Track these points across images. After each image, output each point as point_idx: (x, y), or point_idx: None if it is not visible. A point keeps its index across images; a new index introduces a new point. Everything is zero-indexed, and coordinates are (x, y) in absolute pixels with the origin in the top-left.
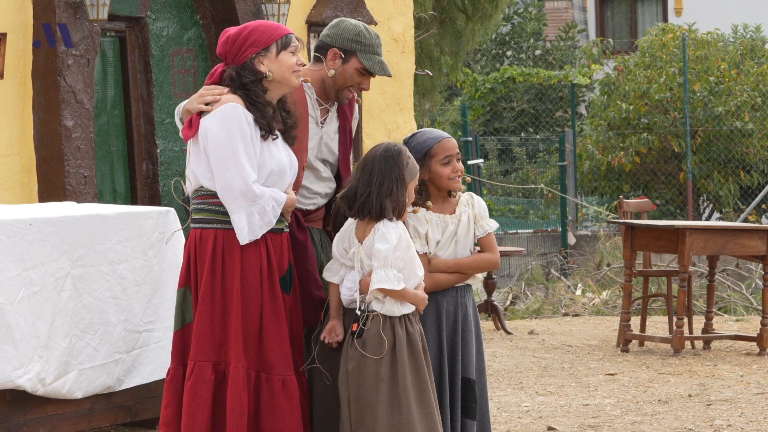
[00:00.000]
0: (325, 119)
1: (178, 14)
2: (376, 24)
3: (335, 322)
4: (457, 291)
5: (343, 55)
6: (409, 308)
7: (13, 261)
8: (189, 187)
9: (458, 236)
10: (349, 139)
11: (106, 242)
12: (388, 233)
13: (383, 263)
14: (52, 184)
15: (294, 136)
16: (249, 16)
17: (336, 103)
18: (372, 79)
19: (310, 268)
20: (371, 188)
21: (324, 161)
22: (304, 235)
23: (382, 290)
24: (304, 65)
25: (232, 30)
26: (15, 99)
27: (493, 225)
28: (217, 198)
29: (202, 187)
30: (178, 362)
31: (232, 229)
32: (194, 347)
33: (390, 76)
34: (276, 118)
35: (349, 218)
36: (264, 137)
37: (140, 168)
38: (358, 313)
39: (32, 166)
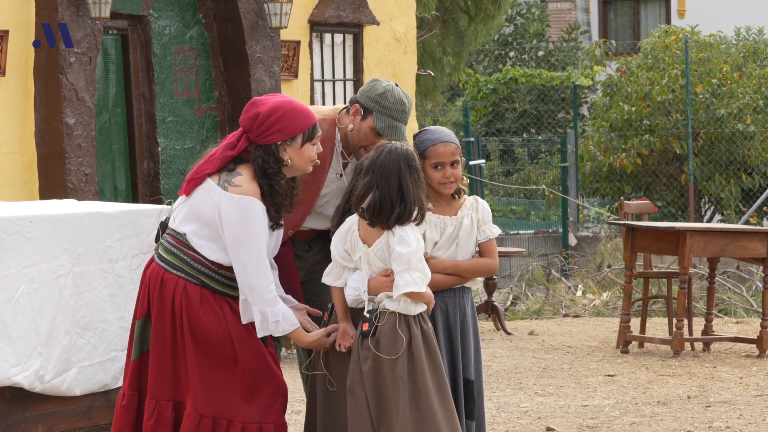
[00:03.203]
0: (345, 171)
1: (180, 12)
2: (378, 24)
3: (345, 324)
4: (455, 292)
5: (362, 112)
6: (422, 307)
7: (13, 258)
8: (172, 222)
9: (459, 239)
10: None
11: (106, 240)
12: (407, 236)
13: (407, 267)
14: (53, 182)
15: (294, 204)
16: (251, 15)
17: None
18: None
19: (290, 279)
20: (403, 200)
21: (335, 206)
22: (286, 248)
23: (408, 294)
24: (320, 150)
25: (262, 107)
26: (17, 96)
27: (495, 231)
28: (195, 252)
29: (185, 234)
30: (134, 389)
31: (195, 284)
32: (154, 385)
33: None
34: (284, 204)
35: (348, 219)
36: (272, 228)
37: (141, 166)
38: (367, 315)
39: (33, 163)
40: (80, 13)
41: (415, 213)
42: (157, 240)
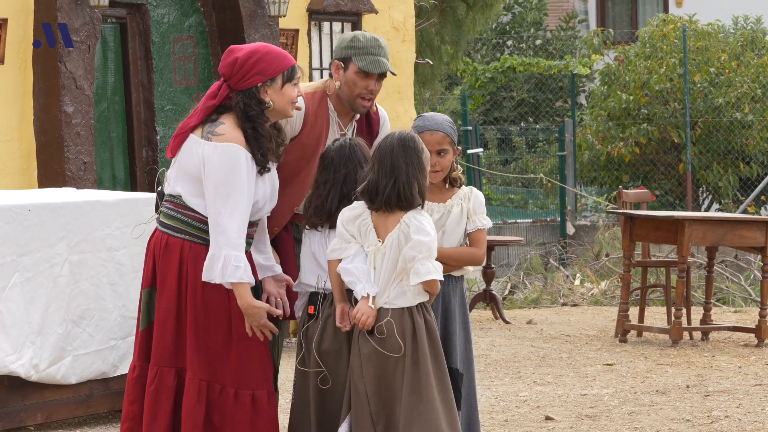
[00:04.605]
0: None
1: (178, 1)
2: (377, 12)
3: (343, 304)
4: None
5: (343, 64)
6: (424, 296)
7: (9, 247)
8: (167, 187)
9: (446, 227)
10: None
11: (105, 228)
12: (423, 224)
13: (428, 254)
14: (52, 170)
15: (281, 154)
16: (249, 3)
17: (353, 124)
18: (384, 79)
19: (288, 262)
20: (395, 178)
21: None
22: (287, 233)
23: (427, 282)
24: (301, 95)
25: (239, 52)
26: (15, 84)
27: (486, 222)
28: (193, 212)
29: (180, 196)
30: (145, 360)
31: (200, 243)
32: (157, 352)
33: (394, 74)
34: (270, 148)
35: (352, 205)
36: (260, 173)
37: (140, 154)
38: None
39: (32, 151)
40: (79, 2)
41: (409, 193)
42: (156, 209)
